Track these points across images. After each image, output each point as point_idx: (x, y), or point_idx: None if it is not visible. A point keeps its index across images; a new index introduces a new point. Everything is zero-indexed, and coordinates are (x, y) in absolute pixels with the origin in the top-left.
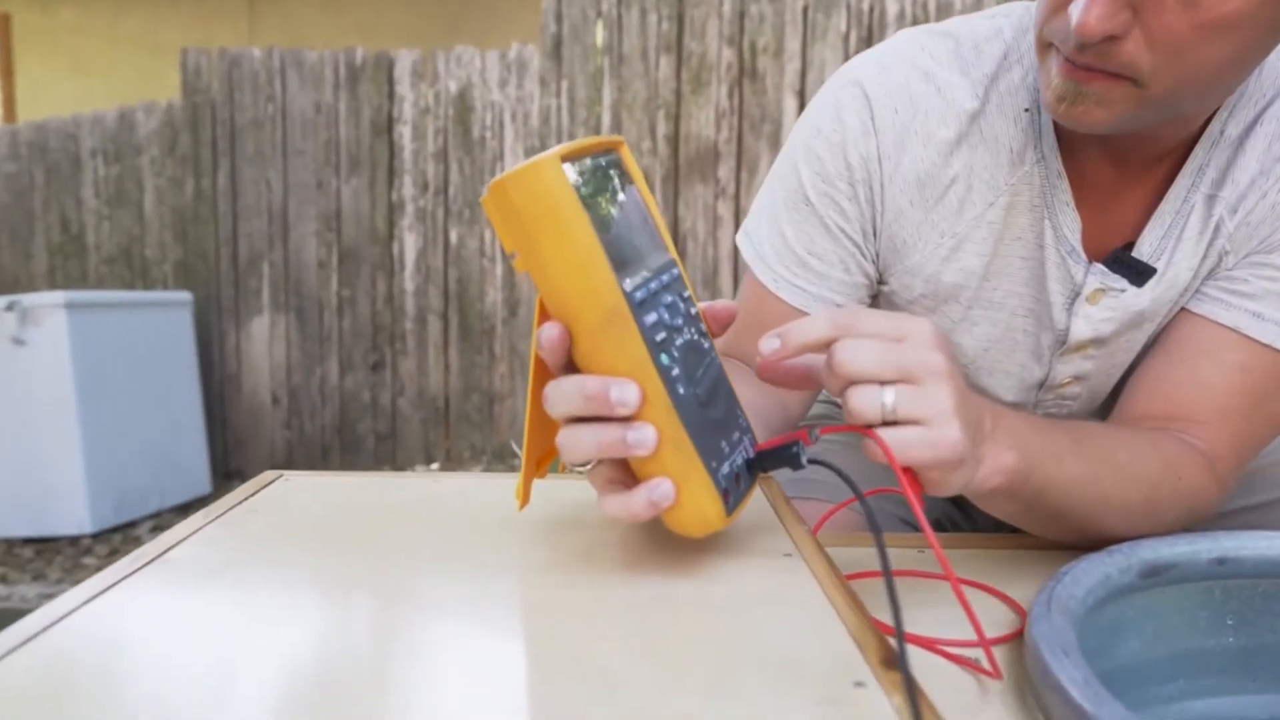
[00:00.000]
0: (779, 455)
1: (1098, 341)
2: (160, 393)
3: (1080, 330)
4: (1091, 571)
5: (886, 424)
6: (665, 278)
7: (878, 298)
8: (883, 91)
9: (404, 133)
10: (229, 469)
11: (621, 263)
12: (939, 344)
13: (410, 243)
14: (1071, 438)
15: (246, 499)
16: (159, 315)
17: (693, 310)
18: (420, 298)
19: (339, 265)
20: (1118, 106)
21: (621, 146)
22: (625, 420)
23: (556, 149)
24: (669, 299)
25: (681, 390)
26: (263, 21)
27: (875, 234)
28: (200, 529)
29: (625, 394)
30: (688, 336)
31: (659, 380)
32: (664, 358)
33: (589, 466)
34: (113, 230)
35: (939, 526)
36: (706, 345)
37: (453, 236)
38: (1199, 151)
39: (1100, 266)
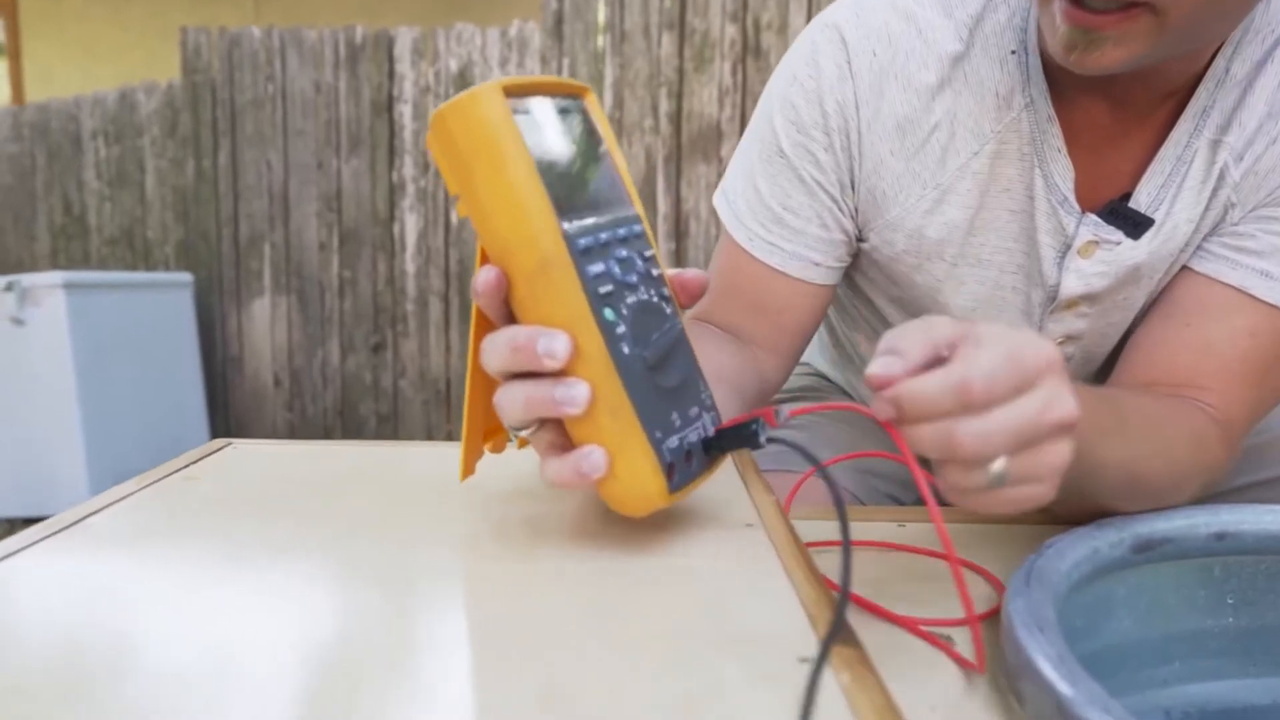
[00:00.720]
0: (737, 434)
1: (1090, 298)
2: (161, 374)
3: (1071, 286)
4: (1078, 545)
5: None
6: (622, 231)
7: (858, 256)
8: (860, 34)
9: (404, 112)
10: None
11: (568, 207)
12: (1063, 378)
13: (411, 223)
14: (1118, 415)
15: (187, 466)
16: (159, 296)
17: (655, 271)
18: (421, 279)
19: (340, 246)
20: (1137, 43)
21: (588, 94)
22: (558, 376)
23: (500, 80)
24: (623, 253)
25: (626, 350)
26: (268, 3)
27: (853, 186)
28: (129, 495)
29: (553, 344)
30: (643, 297)
31: (598, 335)
32: (608, 313)
33: (530, 430)
34: (114, 211)
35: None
36: (669, 310)
37: (453, 217)
38: (1202, 92)
39: (1093, 217)
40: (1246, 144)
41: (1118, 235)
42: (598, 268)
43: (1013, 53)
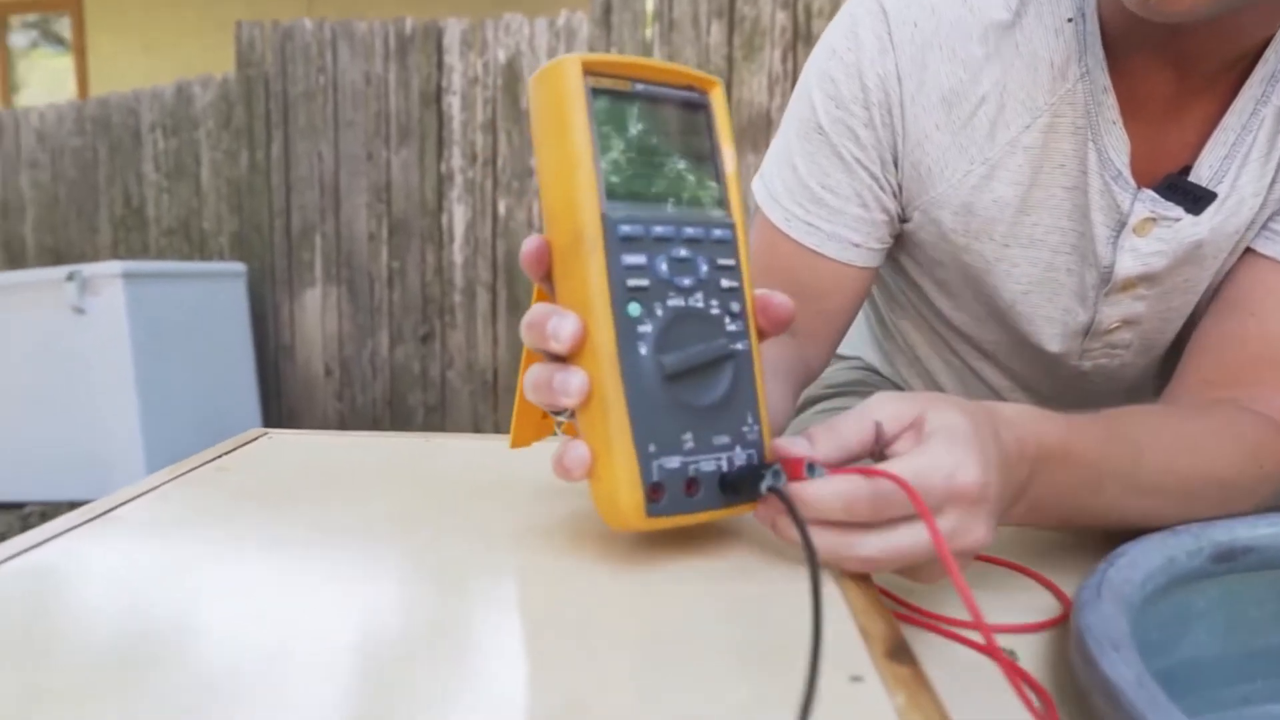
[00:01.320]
0: (746, 478)
1: (1148, 279)
2: (216, 362)
3: (1126, 266)
4: (1152, 554)
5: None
6: (691, 231)
7: (902, 238)
8: (901, 5)
9: (453, 103)
10: None
11: (625, 193)
12: (975, 508)
13: (459, 214)
14: (1132, 453)
15: (220, 456)
16: (214, 286)
17: (727, 284)
18: (469, 270)
19: (389, 237)
20: None
21: (714, 88)
22: (567, 362)
23: (582, 54)
24: (682, 253)
25: (643, 350)
26: None
27: (896, 163)
28: (161, 485)
29: (560, 325)
30: (694, 303)
31: (611, 326)
32: (633, 307)
33: (565, 415)
34: (172, 203)
35: None
36: (733, 328)
37: (501, 208)
38: (1270, 56)
39: (1150, 193)
40: None
41: (1177, 211)
42: (636, 259)
43: (1069, 20)
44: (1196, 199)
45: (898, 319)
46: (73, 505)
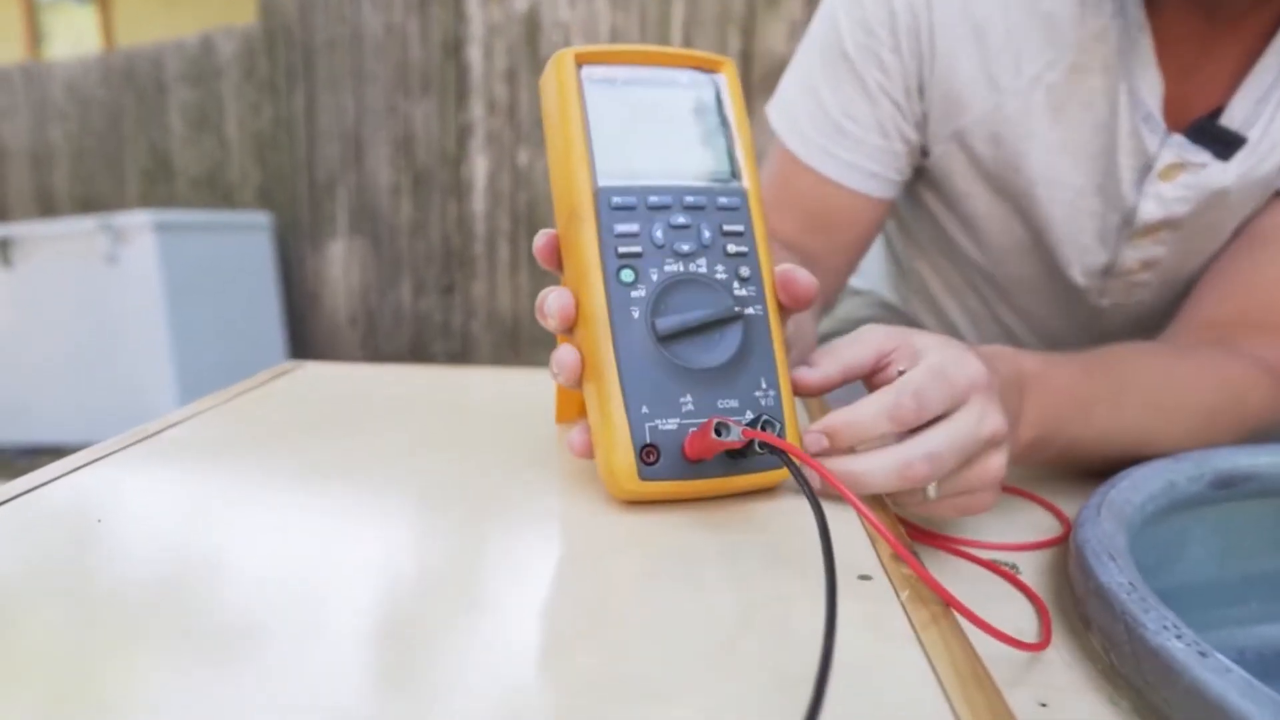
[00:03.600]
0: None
1: (1171, 224)
2: (244, 311)
3: (1150, 211)
4: (1153, 478)
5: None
6: (692, 199)
7: (923, 172)
8: None
9: (473, 53)
10: None
11: (620, 169)
12: (990, 394)
13: (480, 165)
14: (1115, 385)
15: (261, 385)
16: (241, 236)
17: (733, 249)
18: (490, 221)
19: (411, 189)
20: None
21: (723, 68)
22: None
23: (576, 47)
24: (682, 220)
25: (635, 314)
26: None
27: (921, 91)
28: (207, 410)
29: (547, 299)
30: (695, 268)
31: (601, 292)
32: (626, 273)
33: None
34: (197, 154)
35: None
36: (742, 292)
37: (522, 159)
38: None
39: (1179, 138)
40: None
41: (1204, 157)
42: (628, 227)
43: None
44: (1227, 143)
45: (915, 259)
46: None
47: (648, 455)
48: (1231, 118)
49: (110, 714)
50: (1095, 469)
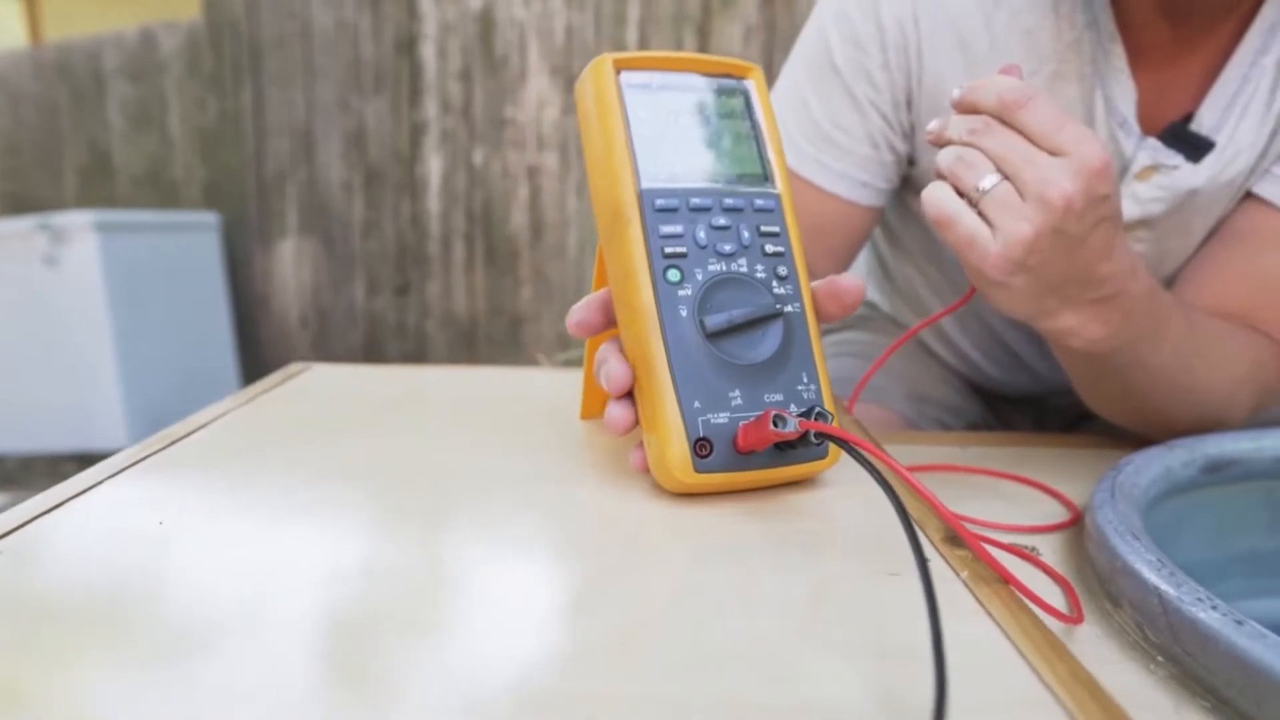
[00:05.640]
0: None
1: (1147, 223)
2: (191, 312)
3: (1128, 211)
4: (1153, 464)
5: (971, 204)
6: (731, 201)
7: (911, 180)
8: None
9: (427, 51)
10: None
11: (660, 172)
12: (1082, 184)
13: (435, 165)
14: (1185, 321)
15: (272, 388)
16: (187, 236)
17: (770, 249)
18: (445, 220)
19: (364, 187)
20: None
21: (750, 74)
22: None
23: (614, 53)
24: (723, 222)
25: (683, 312)
26: None
27: (909, 104)
28: (222, 416)
29: (575, 313)
30: (736, 268)
31: (650, 291)
32: (672, 273)
33: None
34: (139, 151)
35: (974, 429)
36: (781, 290)
37: (476, 158)
38: (1269, 9)
39: (1153, 141)
40: None
41: (1177, 159)
42: (672, 228)
43: None
44: (1196, 147)
45: (901, 263)
46: (52, 457)
47: (701, 448)
48: (1201, 123)
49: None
50: (1118, 412)
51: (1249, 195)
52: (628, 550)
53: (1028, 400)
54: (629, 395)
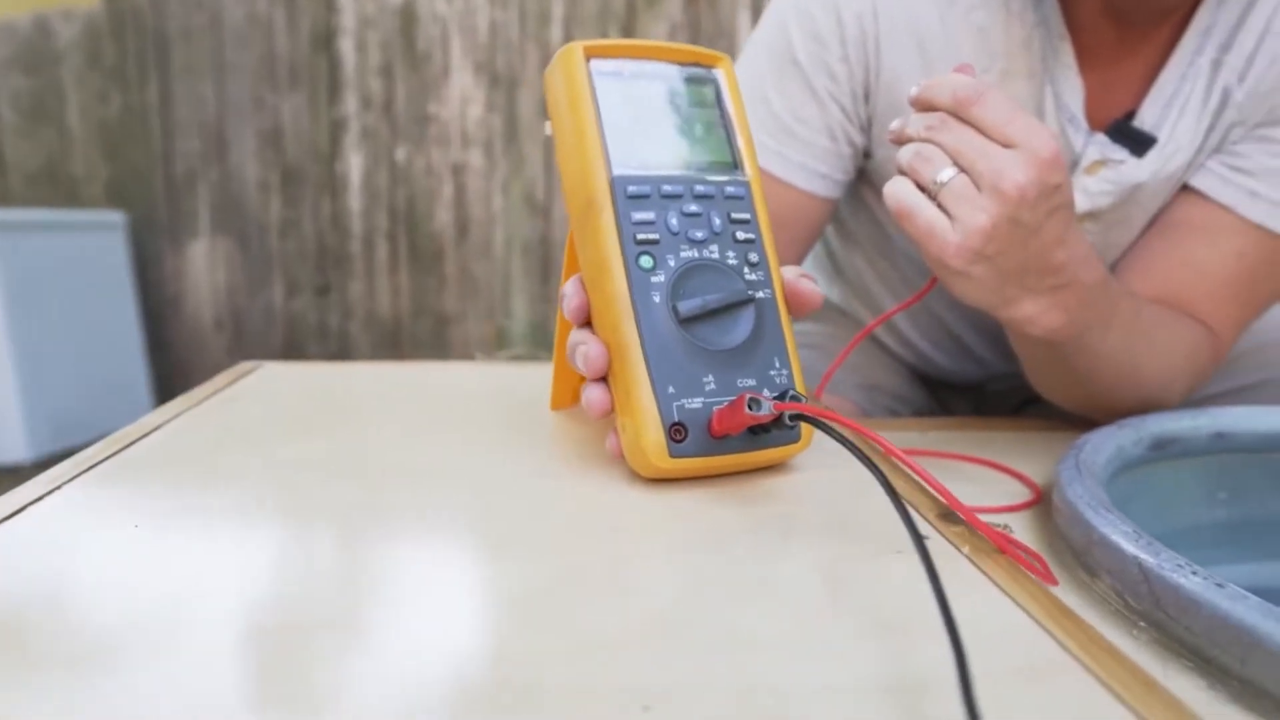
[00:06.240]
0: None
1: (1094, 215)
2: (95, 316)
3: (1077, 204)
4: (1107, 443)
5: (930, 197)
6: (702, 188)
7: (865, 173)
8: None
9: (345, 46)
10: (173, 394)
11: (631, 159)
12: (1034, 175)
13: (355, 162)
14: (1131, 308)
15: (223, 389)
16: (90, 236)
17: (742, 236)
18: (367, 219)
19: (281, 185)
20: None
21: (720, 63)
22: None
23: (584, 40)
24: (694, 209)
25: (657, 298)
26: None
27: (866, 97)
28: (173, 419)
29: (570, 298)
30: (709, 254)
31: (623, 278)
32: (645, 260)
33: None
34: (33, 147)
35: (921, 416)
36: (752, 276)
37: (399, 155)
38: (1203, 13)
39: (1101, 136)
40: (1247, 63)
41: (1122, 154)
42: (644, 215)
43: None
44: (1140, 142)
45: (851, 254)
46: None
47: (676, 433)
48: (1143, 120)
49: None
50: (1065, 394)
51: (1184, 188)
52: (614, 541)
53: (970, 387)
54: (606, 378)
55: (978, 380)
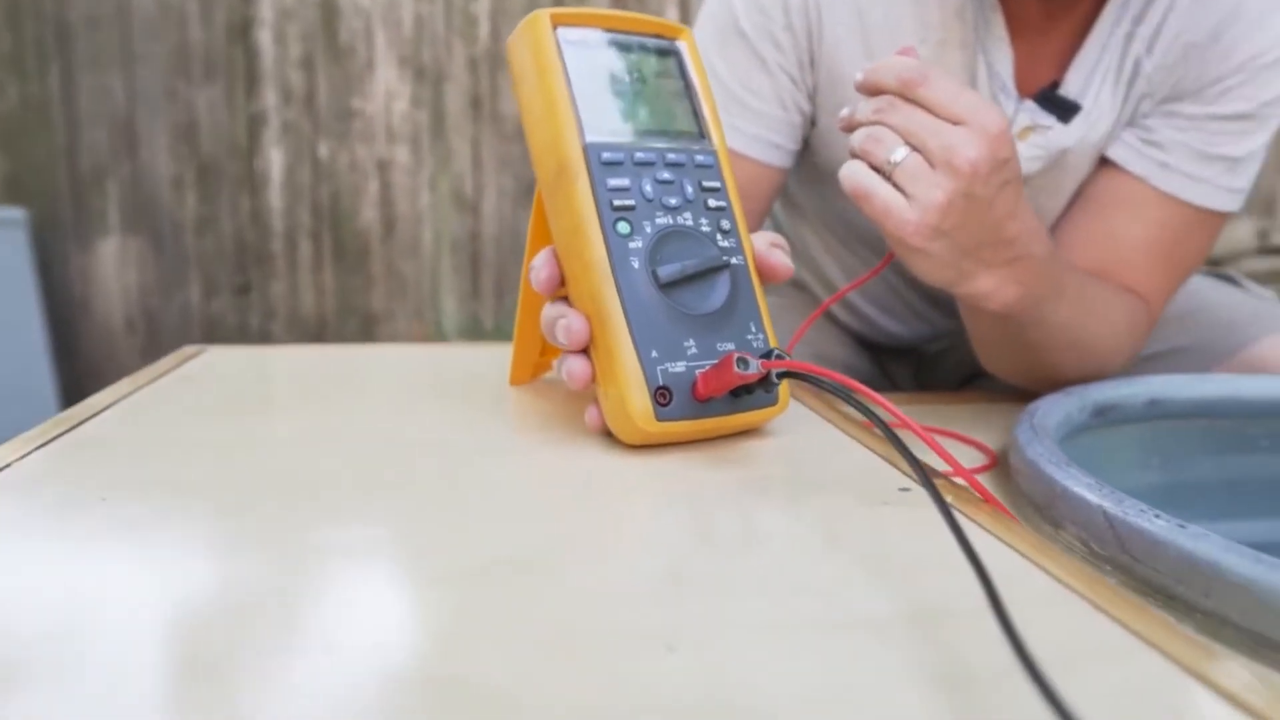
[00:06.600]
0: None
1: (1025, 181)
2: None
3: None
4: (1056, 410)
5: (885, 177)
6: (673, 156)
7: (810, 142)
8: None
9: (263, 37)
10: (83, 399)
11: (603, 125)
12: (985, 150)
13: (276, 158)
14: (1077, 281)
15: (165, 374)
16: None
17: (714, 203)
18: (289, 216)
19: (196, 181)
20: None
21: (682, 35)
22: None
23: (550, 9)
24: (666, 176)
25: (636, 264)
26: None
27: (812, 64)
28: (114, 404)
29: (539, 269)
30: (683, 220)
31: (602, 244)
32: (622, 225)
33: None
34: None
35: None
36: (725, 243)
37: (322, 151)
38: None
39: (1031, 103)
40: (1154, 35)
41: (1050, 120)
42: (620, 182)
43: None
44: (1065, 109)
45: (797, 225)
46: None
47: (661, 397)
48: (1068, 88)
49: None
50: (1013, 366)
51: (1103, 161)
52: (602, 505)
53: (910, 350)
54: (585, 349)
55: (924, 340)
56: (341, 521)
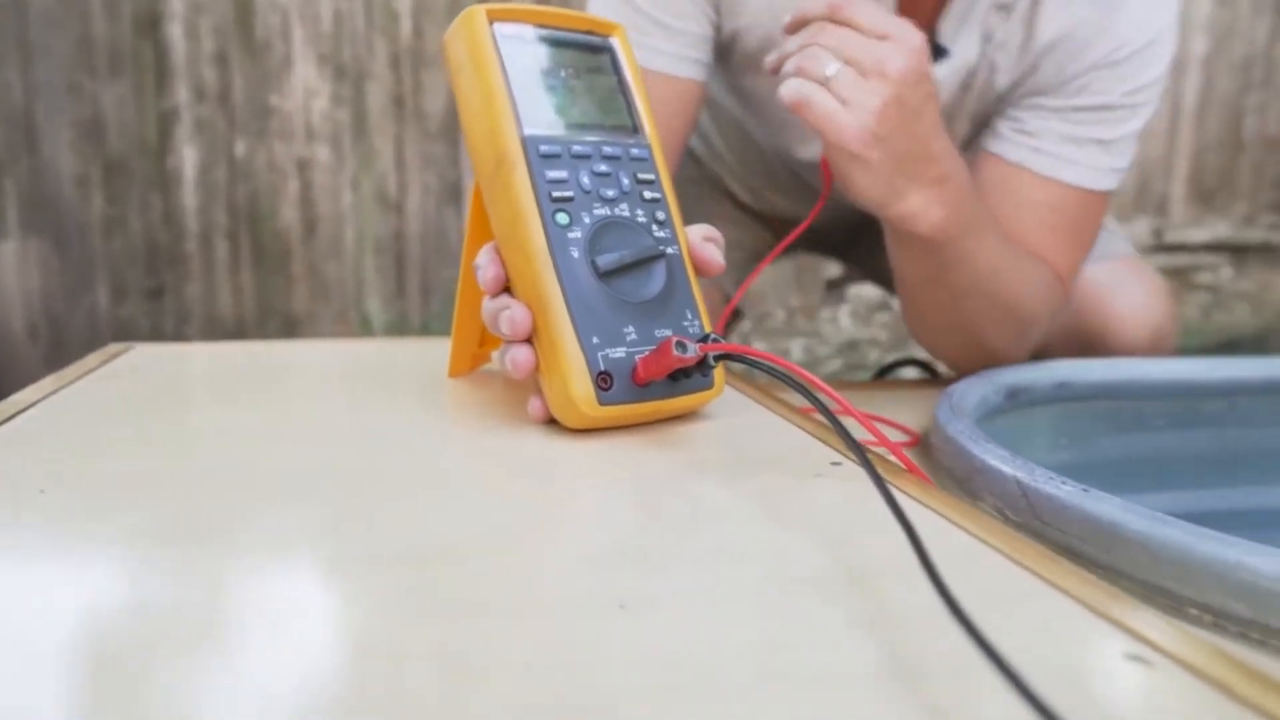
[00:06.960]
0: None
1: None
2: None
3: None
4: (971, 392)
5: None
6: (609, 149)
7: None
8: None
9: (173, 31)
10: None
11: (540, 119)
12: (911, 61)
13: (189, 156)
14: (998, 228)
15: (93, 370)
16: None
17: (649, 195)
18: (204, 216)
19: (103, 180)
20: None
21: (615, 32)
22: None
23: (486, 4)
24: (602, 168)
25: (575, 254)
26: None
27: None
28: (48, 396)
29: (485, 269)
30: (620, 211)
31: (541, 234)
32: (560, 216)
33: None
34: None
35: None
36: (660, 233)
37: (239, 149)
38: None
39: None
40: (1024, 17)
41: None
42: (558, 173)
43: None
44: (937, 52)
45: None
46: None
47: (603, 382)
48: (942, 35)
49: None
50: (949, 325)
51: (985, 154)
52: (548, 487)
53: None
54: (529, 339)
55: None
56: (283, 511)
